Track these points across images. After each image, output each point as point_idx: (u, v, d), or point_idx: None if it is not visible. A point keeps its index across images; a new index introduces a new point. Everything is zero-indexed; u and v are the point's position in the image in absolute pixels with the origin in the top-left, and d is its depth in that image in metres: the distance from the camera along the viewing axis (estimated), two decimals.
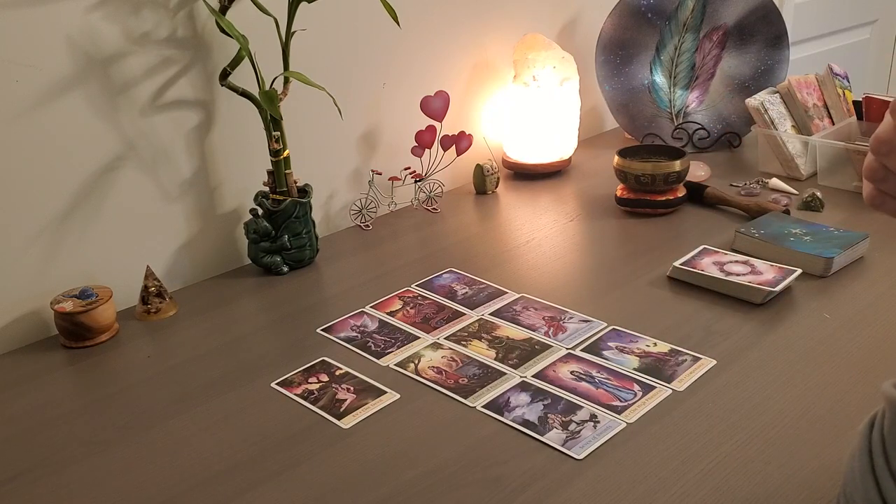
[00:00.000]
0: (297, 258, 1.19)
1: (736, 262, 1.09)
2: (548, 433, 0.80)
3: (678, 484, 0.72)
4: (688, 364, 0.90)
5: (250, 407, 0.88)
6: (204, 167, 1.18)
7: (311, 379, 0.92)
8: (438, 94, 1.36)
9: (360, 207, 1.35)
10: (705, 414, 0.81)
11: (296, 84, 1.13)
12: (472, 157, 1.43)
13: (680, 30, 1.58)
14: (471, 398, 0.87)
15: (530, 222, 1.31)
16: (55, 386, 0.95)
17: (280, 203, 1.16)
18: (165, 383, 0.94)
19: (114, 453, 0.82)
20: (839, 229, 1.14)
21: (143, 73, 1.09)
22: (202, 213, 1.20)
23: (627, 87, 1.60)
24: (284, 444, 0.81)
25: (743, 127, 1.58)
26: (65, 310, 1.00)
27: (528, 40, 1.47)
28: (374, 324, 1.03)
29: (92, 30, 1.03)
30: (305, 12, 1.09)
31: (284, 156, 1.15)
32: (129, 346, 1.02)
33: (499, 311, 1.04)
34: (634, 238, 1.24)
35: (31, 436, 0.86)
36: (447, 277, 1.15)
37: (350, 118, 1.32)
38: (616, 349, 0.94)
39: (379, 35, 1.33)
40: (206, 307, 1.11)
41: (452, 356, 0.95)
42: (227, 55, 1.12)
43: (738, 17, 1.57)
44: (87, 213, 1.08)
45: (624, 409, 0.83)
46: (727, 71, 1.60)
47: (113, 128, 1.08)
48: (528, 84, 1.45)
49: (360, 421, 0.84)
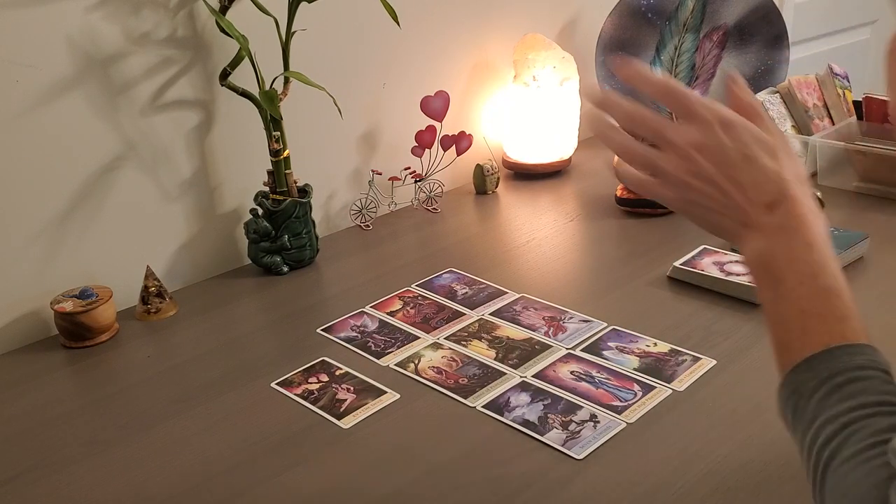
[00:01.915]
0: (297, 258, 1.19)
1: (736, 262, 1.09)
2: (548, 433, 0.80)
3: (678, 484, 0.72)
4: (688, 364, 0.90)
5: (250, 407, 0.88)
6: (204, 167, 1.18)
7: (311, 379, 0.92)
8: (438, 94, 1.36)
9: (360, 207, 1.35)
10: (705, 414, 0.81)
11: (296, 84, 1.12)
12: (472, 157, 1.43)
13: (680, 30, 1.58)
14: (471, 398, 0.87)
15: (530, 222, 1.31)
16: (55, 386, 0.95)
17: (280, 203, 1.15)
18: (165, 383, 0.94)
19: (114, 453, 0.82)
20: (839, 229, 1.14)
21: (143, 73, 1.09)
22: (202, 213, 1.20)
23: (627, 87, 1.60)
24: (284, 444, 0.81)
25: None
26: (65, 310, 1.00)
27: (528, 40, 1.47)
28: (374, 324, 1.03)
29: (92, 30, 1.03)
30: (305, 12, 1.09)
31: (284, 156, 1.15)
32: (129, 346, 1.02)
33: (499, 311, 1.04)
34: (634, 238, 1.23)
35: (31, 436, 0.86)
36: (447, 277, 1.15)
37: (350, 118, 1.32)
38: (616, 349, 0.94)
39: (379, 35, 1.33)
40: (206, 307, 1.11)
41: (452, 356, 0.95)
42: (227, 55, 1.12)
43: (738, 17, 1.57)
44: (87, 213, 1.08)
45: (624, 409, 0.83)
46: (727, 71, 1.60)
47: (113, 128, 1.08)
48: (529, 84, 1.45)
49: (360, 421, 0.84)
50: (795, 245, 0.56)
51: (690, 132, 0.57)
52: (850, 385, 0.50)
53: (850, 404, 0.49)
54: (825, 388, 0.51)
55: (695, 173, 0.57)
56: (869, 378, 0.50)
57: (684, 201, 0.59)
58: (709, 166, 0.57)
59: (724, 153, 0.57)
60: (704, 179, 0.57)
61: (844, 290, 0.54)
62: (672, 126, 0.58)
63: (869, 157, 1.31)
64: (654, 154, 0.58)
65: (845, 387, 0.50)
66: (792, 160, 0.59)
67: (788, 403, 0.53)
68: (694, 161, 0.57)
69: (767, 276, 0.56)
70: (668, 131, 0.58)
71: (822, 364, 0.52)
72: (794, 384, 0.53)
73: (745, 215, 0.57)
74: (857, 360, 0.51)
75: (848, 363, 0.51)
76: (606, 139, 0.60)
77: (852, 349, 0.52)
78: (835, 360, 0.51)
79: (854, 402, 0.49)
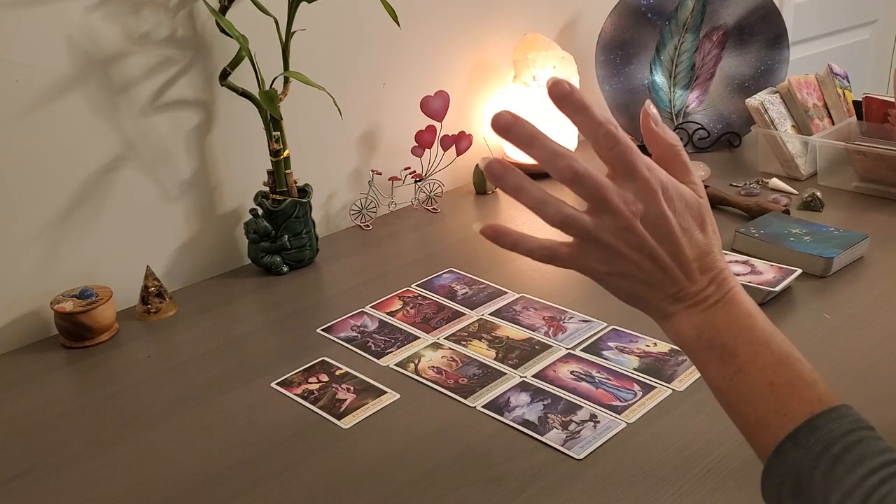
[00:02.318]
0: (297, 258, 1.19)
1: (736, 262, 1.09)
2: (548, 433, 0.80)
3: (678, 484, 0.72)
4: (688, 364, 0.90)
5: (250, 407, 0.88)
6: (204, 167, 1.18)
7: (311, 379, 0.92)
8: (438, 94, 1.36)
9: (360, 207, 1.35)
10: (705, 414, 0.81)
11: (296, 84, 1.13)
12: (472, 157, 1.43)
13: (680, 30, 1.58)
14: (471, 398, 0.87)
15: (530, 222, 1.30)
16: (55, 386, 0.95)
17: (280, 203, 1.16)
18: (165, 383, 0.94)
19: (114, 453, 0.82)
20: (839, 229, 1.14)
21: (143, 73, 1.09)
22: (202, 213, 1.20)
23: (627, 86, 1.60)
24: (284, 444, 0.81)
25: (743, 127, 1.58)
26: (65, 310, 1.00)
27: (528, 40, 1.47)
28: (374, 324, 1.03)
29: (92, 30, 1.03)
30: (305, 12, 1.09)
31: (284, 156, 1.15)
32: (129, 346, 1.02)
33: (499, 311, 1.04)
34: None
35: (31, 436, 0.86)
36: (447, 277, 1.15)
37: (350, 118, 1.32)
38: (616, 349, 0.94)
39: (379, 35, 1.33)
40: (206, 307, 1.11)
41: (452, 356, 0.95)
42: (227, 55, 1.12)
43: (738, 17, 1.57)
44: (87, 213, 1.08)
45: (624, 409, 0.83)
46: (727, 71, 1.60)
47: (113, 128, 1.08)
48: (528, 84, 1.45)
49: (360, 421, 0.84)
50: (737, 315, 0.52)
51: (634, 202, 0.50)
52: (847, 454, 0.47)
53: (859, 474, 0.46)
54: (824, 464, 0.47)
55: (633, 245, 0.50)
56: (862, 441, 0.47)
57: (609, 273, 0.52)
58: (650, 239, 0.50)
59: (667, 226, 0.50)
60: (642, 253, 0.51)
61: (798, 353, 0.52)
62: (615, 191, 0.50)
63: (869, 157, 1.31)
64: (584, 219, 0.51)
65: (844, 457, 0.47)
66: (713, 226, 0.54)
67: (784, 486, 0.49)
68: (636, 233, 0.50)
69: (715, 352, 0.52)
70: (610, 195, 0.49)
71: (809, 437, 0.48)
72: (787, 465, 0.49)
73: (680, 290, 0.52)
74: (843, 425, 0.48)
75: (836, 430, 0.48)
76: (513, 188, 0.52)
77: (833, 413, 0.49)
78: (821, 430, 0.48)
79: (862, 470, 0.46)
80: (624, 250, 0.51)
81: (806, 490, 0.48)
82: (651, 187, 0.50)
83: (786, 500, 0.49)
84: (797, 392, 0.50)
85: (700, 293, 0.53)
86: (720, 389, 0.53)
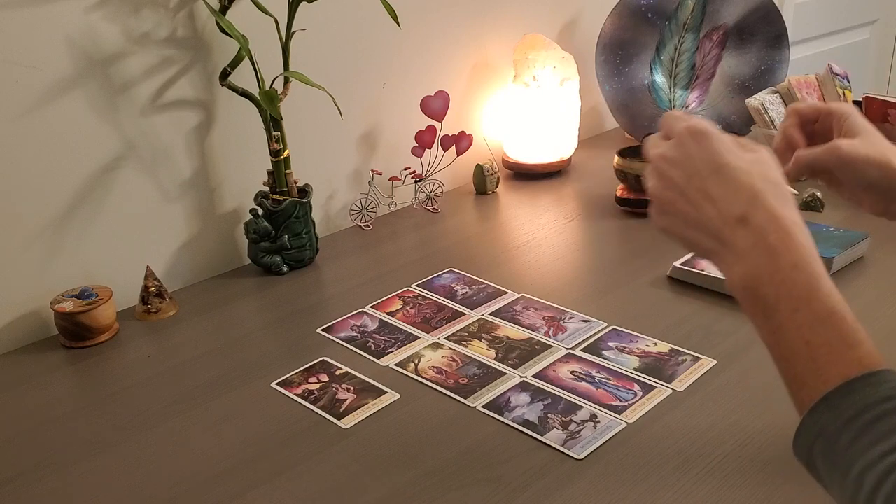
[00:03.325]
0: (297, 258, 1.19)
1: None
2: (548, 433, 0.80)
3: (678, 484, 0.72)
4: (688, 364, 0.90)
5: (250, 407, 0.88)
6: (204, 167, 1.18)
7: (311, 379, 0.92)
8: (438, 94, 1.36)
9: (360, 207, 1.35)
10: (705, 414, 0.81)
11: (296, 84, 1.13)
12: (472, 157, 1.43)
13: (680, 30, 1.58)
14: (471, 398, 0.87)
15: (530, 222, 1.31)
16: (55, 386, 0.95)
17: (280, 203, 1.16)
18: (165, 383, 0.94)
19: (114, 453, 0.82)
20: (839, 229, 1.14)
21: (143, 73, 1.09)
22: (202, 213, 1.20)
23: (627, 87, 1.60)
24: (284, 444, 0.81)
25: (743, 127, 1.58)
26: (65, 310, 1.00)
27: (528, 40, 1.47)
28: (374, 324, 1.03)
29: (92, 30, 1.03)
30: (305, 12, 1.09)
31: (284, 156, 1.15)
32: (129, 346, 1.02)
33: (499, 311, 1.04)
34: (634, 238, 1.23)
35: (31, 436, 0.86)
36: (447, 277, 1.15)
37: (350, 118, 1.32)
38: (616, 349, 0.94)
39: (379, 35, 1.33)
40: (206, 307, 1.11)
41: (452, 356, 0.95)
42: (227, 55, 1.12)
43: (738, 17, 1.57)
44: (87, 213, 1.08)
45: (624, 409, 0.83)
46: (727, 71, 1.60)
47: (113, 128, 1.08)
48: (529, 84, 1.45)
49: (360, 421, 0.84)
50: (780, 265, 0.51)
51: (662, 146, 0.59)
52: (879, 423, 0.45)
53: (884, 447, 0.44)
54: (854, 430, 0.46)
55: (665, 186, 0.58)
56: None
57: (661, 216, 0.59)
58: (678, 177, 0.57)
59: (692, 164, 0.56)
60: (676, 191, 0.57)
61: (846, 311, 0.50)
62: (649, 142, 0.60)
63: None
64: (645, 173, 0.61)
65: (875, 426, 0.45)
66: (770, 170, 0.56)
67: (815, 448, 0.49)
68: (663, 174, 0.58)
69: (757, 305, 0.52)
70: (646, 148, 0.60)
71: (843, 401, 0.47)
72: (817, 427, 0.48)
73: (718, 231, 0.55)
74: (881, 392, 0.46)
75: (872, 396, 0.46)
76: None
77: (873, 378, 0.47)
78: (856, 394, 0.47)
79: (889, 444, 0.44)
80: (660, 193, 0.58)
81: (833, 454, 0.47)
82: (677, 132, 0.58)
83: (817, 458, 0.49)
84: (836, 353, 0.49)
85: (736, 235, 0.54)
86: (767, 345, 0.53)
